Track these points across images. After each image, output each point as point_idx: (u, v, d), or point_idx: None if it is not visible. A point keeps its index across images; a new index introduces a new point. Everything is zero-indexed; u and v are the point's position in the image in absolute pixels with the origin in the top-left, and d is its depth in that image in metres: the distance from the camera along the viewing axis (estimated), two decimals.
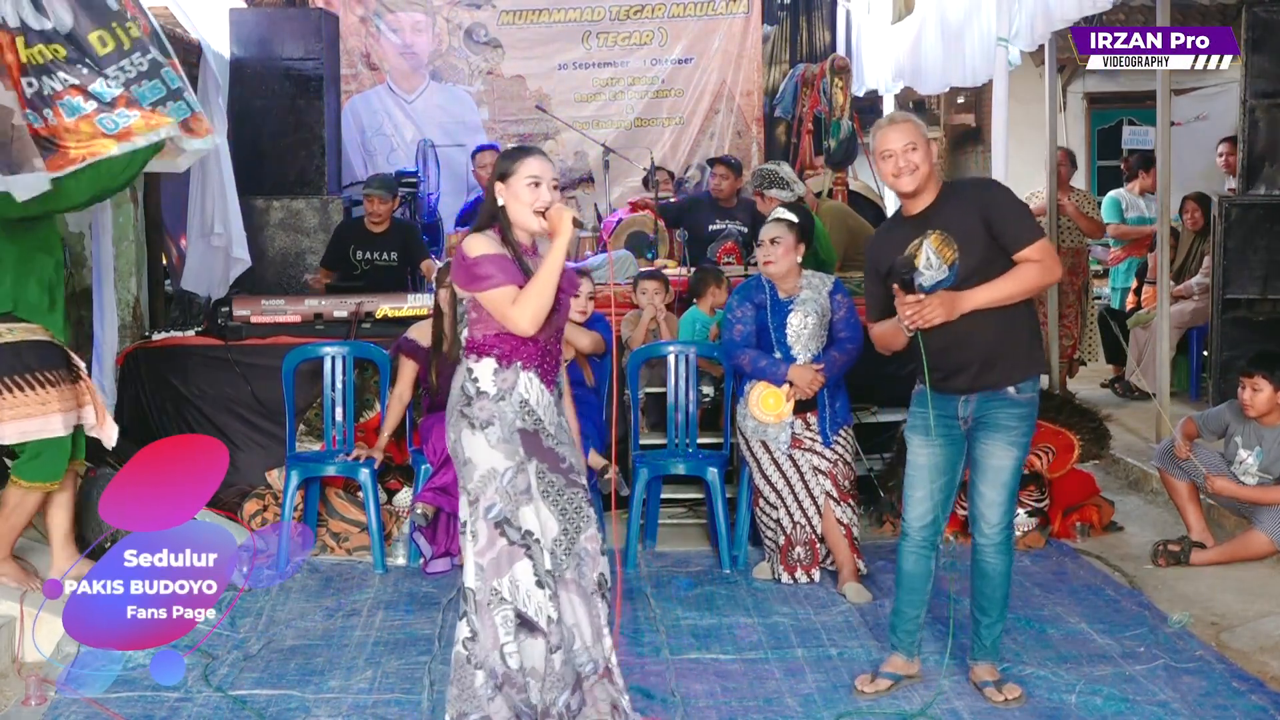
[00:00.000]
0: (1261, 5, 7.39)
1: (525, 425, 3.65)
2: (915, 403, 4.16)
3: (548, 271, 3.58)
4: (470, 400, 3.66)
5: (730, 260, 7.45)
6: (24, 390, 4.51)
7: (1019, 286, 3.95)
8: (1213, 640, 4.59)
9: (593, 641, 3.70)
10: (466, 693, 3.66)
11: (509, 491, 3.63)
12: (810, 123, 9.91)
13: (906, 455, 4.19)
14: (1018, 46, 7.07)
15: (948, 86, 8.84)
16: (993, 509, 4.06)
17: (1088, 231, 8.61)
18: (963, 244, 3.95)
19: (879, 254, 4.12)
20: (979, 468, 4.07)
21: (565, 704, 3.66)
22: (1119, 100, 12.69)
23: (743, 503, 5.60)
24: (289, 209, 8.42)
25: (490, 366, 3.66)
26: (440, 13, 10.80)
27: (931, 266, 3.97)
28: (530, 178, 3.66)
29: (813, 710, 4.05)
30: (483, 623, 3.65)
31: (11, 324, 4.52)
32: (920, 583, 4.16)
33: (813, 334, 5.30)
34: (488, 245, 3.64)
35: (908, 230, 4.05)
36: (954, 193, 4.08)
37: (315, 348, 5.95)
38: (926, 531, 4.12)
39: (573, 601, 3.68)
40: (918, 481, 4.12)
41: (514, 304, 3.57)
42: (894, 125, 4.02)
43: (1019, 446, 4.04)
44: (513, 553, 3.63)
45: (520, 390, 3.65)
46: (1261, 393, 5.45)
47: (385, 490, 5.90)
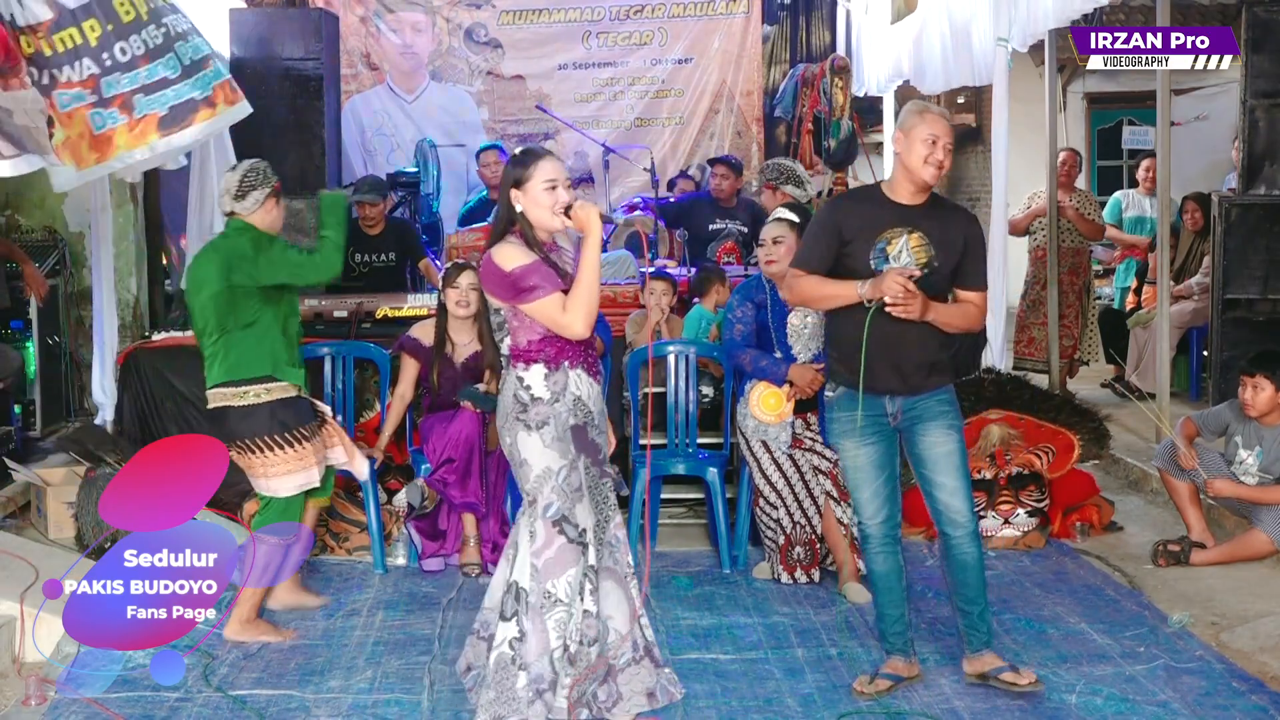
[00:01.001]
0: (1261, 5, 7.39)
1: (577, 420, 3.73)
2: (835, 408, 4.17)
3: (589, 272, 3.64)
4: (526, 407, 3.72)
5: (730, 260, 7.45)
6: (285, 448, 4.67)
7: (964, 322, 4.14)
8: (1213, 640, 4.59)
9: (628, 627, 3.77)
10: (506, 694, 3.66)
11: (564, 489, 3.69)
12: (810, 123, 9.91)
13: (841, 461, 4.22)
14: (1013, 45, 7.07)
15: (948, 86, 8.84)
16: (955, 497, 4.07)
17: (1088, 234, 8.61)
18: (938, 256, 4.02)
19: (846, 218, 4.10)
20: (927, 460, 4.09)
21: (593, 694, 3.70)
22: (1119, 100, 12.68)
23: (743, 503, 5.60)
24: (289, 209, 8.35)
25: (540, 372, 3.72)
26: (440, 13, 10.80)
27: (900, 261, 4.01)
28: (547, 181, 3.70)
29: (813, 710, 4.04)
30: (534, 625, 3.67)
31: (270, 384, 4.67)
32: (894, 581, 4.17)
33: (813, 333, 5.30)
34: (520, 255, 3.68)
35: (889, 214, 4.06)
36: (943, 205, 4.16)
37: (315, 348, 5.94)
38: (885, 528, 4.14)
39: (608, 590, 3.76)
40: (861, 482, 4.14)
41: (565, 311, 3.64)
42: (941, 117, 4.04)
43: (957, 429, 4.11)
44: (571, 551, 3.69)
45: (573, 388, 3.73)
46: (1263, 392, 5.45)
47: (385, 490, 5.90)
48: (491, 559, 5.43)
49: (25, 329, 7.28)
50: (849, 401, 4.10)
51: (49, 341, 7.44)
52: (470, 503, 5.43)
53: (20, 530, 5.85)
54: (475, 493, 5.44)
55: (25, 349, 7.21)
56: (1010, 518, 5.74)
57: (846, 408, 4.12)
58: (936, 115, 4.05)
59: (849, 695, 4.14)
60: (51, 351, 7.48)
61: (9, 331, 7.23)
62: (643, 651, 3.82)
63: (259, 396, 4.65)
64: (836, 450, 4.27)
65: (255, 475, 4.75)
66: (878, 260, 4.02)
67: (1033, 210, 8.60)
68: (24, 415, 7.06)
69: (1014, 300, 8.53)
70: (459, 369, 5.64)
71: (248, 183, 4.73)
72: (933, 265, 4.01)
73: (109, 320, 6.77)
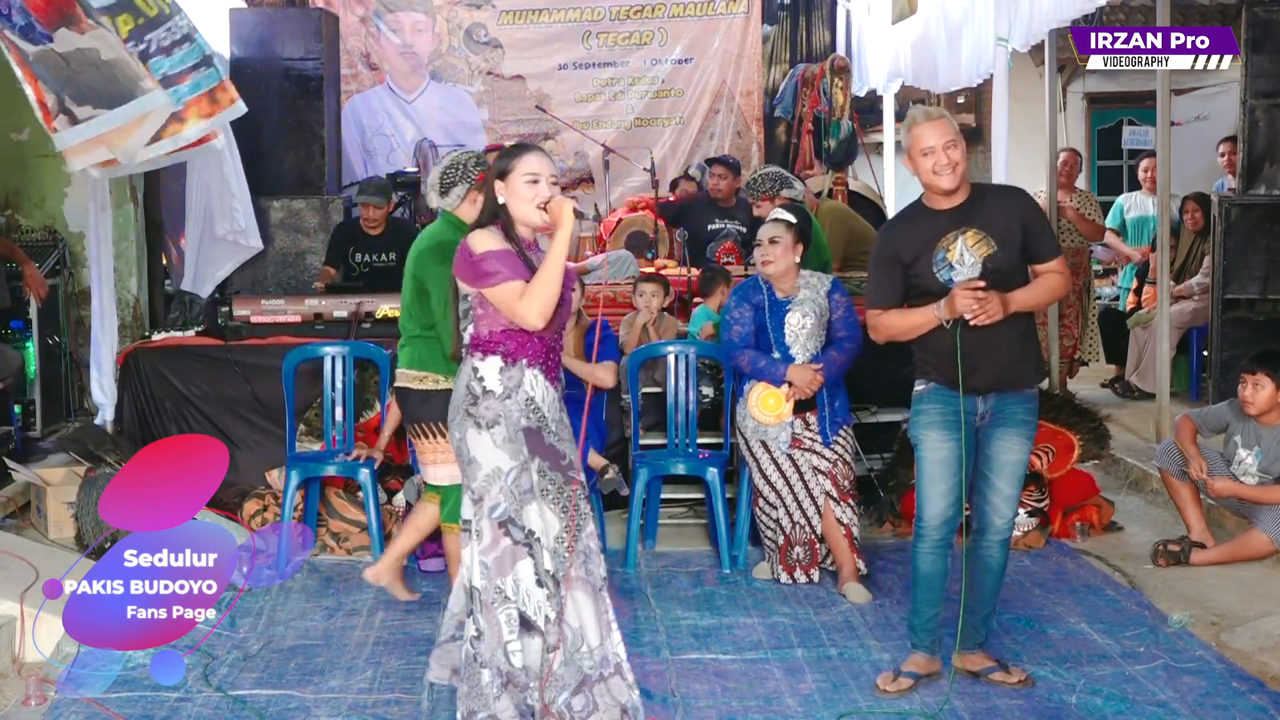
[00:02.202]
0: (1261, 5, 7.39)
1: (530, 423, 3.66)
2: (925, 400, 4.11)
3: (552, 264, 3.59)
4: (476, 399, 3.66)
5: (730, 260, 7.45)
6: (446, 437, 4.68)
7: (1049, 296, 4.09)
8: (1213, 640, 4.59)
9: (599, 640, 3.70)
10: (475, 690, 3.67)
11: (513, 491, 3.63)
12: (810, 123, 9.91)
13: (919, 454, 4.12)
14: (1013, 45, 7.07)
15: (948, 86, 8.85)
16: (1008, 504, 4.09)
17: (1088, 234, 8.62)
18: (998, 245, 3.97)
19: (901, 242, 4.06)
20: (995, 464, 4.07)
21: (566, 704, 3.65)
22: (1119, 100, 12.68)
23: (743, 503, 5.60)
24: (289, 209, 8.41)
25: (496, 365, 3.66)
26: (440, 13, 10.81)
27: (964, 263, 3.97)
28: (528, 175, 3.66)
29: (813, 710, 4.04)
30: (488, 621, 3.66)
31: (439, 377, 4.69)
32: (939, 581, 4.14)
33: (811, 334, 5.30)
34: (492, 241, 3.64)
35: (939, 223, 4.01)
36: (988, 194, 4.09)
37: (315, 348, 5.95)
38: (945, 529, 4.09)
39: (578, 600, 3.68)
40: (938, 477, 4.06)
41: (521, 298, 3.57)
42: (931, 121, 3.96)
43: (1031, 440, 4.11)
44: (516, 552, 3.64)
45: (526, 388, 3.66)
46: (1263, 390, 5.45)
47: (385, 490, 5.90)
48: None
49: (25, 329, 7.28)
50: (941, 395, 4.05)
51: (49, 341, 7.45)
52: None
53: (20, 530, 5.86)
54: None
55: (25, 349, 7.21)
56: None
57: (938, 400, 4.06)
58: (925, 123, 3.96)
59: (849, 695, 4.14)
60: (51, 351, 7.49)
61: (9, 331, 7.23)
62: (613, 669, 3.73)
63: (437, 384, 4.69)
64: (917, 442, 4.16)
65: (425, 461, 4.81)
66: (942, 270, 3.98)
67: None
68: (24, 415, 7.06)
69: None
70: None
71: (448, 179, 4.77)
72: (995, 259, 3.95)
73: (109, 320, 6.76)
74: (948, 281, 3.96)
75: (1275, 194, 7.48)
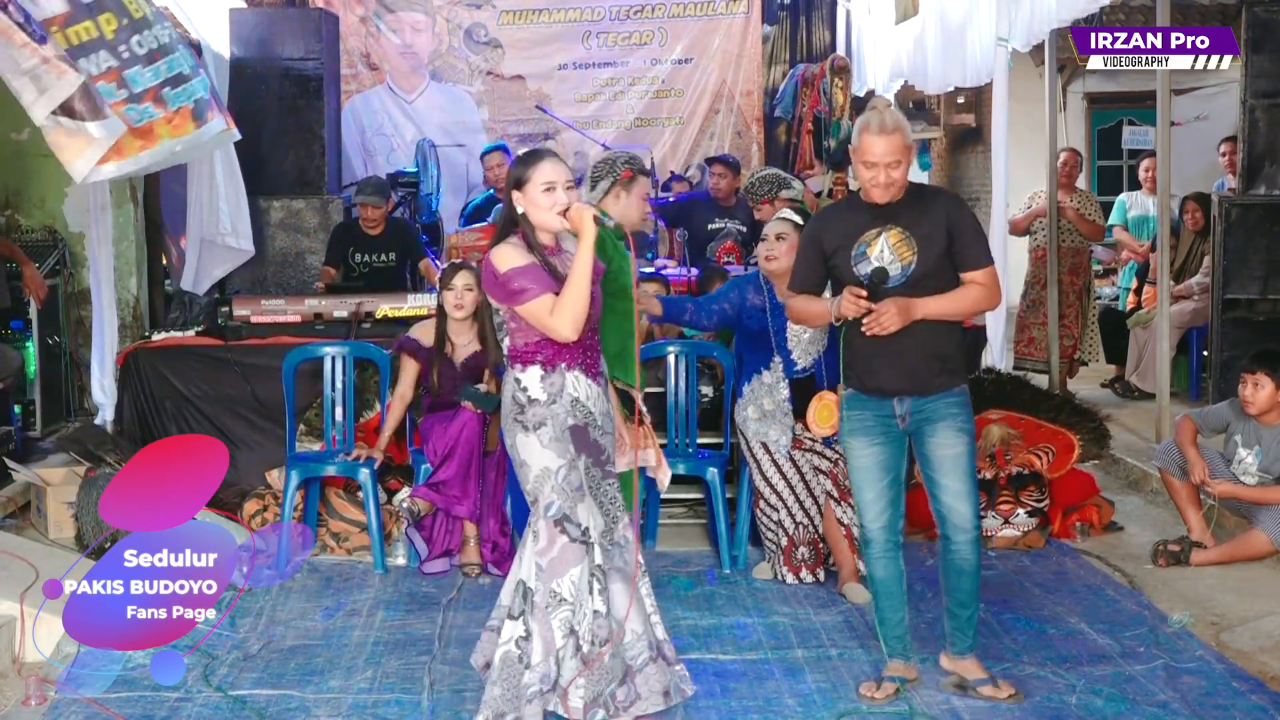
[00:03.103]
0: (1261, 5, 7.39)
1: (577, 421, 3.75)
2: (847, 406, 4.11)
3: (579, 275, 3.65)
4: (523, 409, 3.74)
5: (730, 260, 7.45)
6: None
7: (965, 306, 4.05)
8: (1213, 640, 4.59)
9: (644, 627, 3.81)
10: (510, 693, 3.68)
11: (564, 488, 3.71)
12: (810, 123, 9.92)
13: (849, 461, 4.14)
14: (1014, 45, 7.07)
15: (949, 86, 8.85)
16: (960, 500, 4.02)
17: (1088, 235, 8.62)
18: (921, 248, 3.95)
19: (827, 230, 4.08)
20: (933, 462, 4.04)
21: (610, 694, 3.71)
22: (1119, 100, 12.68)
23: (743, 503, 5.59)
24: (289, 209, 8.42)
25: (537, 374, 3.73)
26: (440, 13, 10.81)
27: (883, 260, 3.96)
28: (545, 183, 3.71)
29: (813, 710, 4.04)
30: (539, 625, 3.69)
31: None
32: (895, 586, 4.13)
33: (813, 338, 5.28)
34: (516, 256, 3.69)
35: (866, 217, 4.00)
36: (921, 195, 4.05)
37: (315, 348, 5.95)
38: (887, 532, 4.09)
39: (619, 590, 3.78)
40: (866, 483, 4.08)
41: (552, 314, 3.64)
42: (884, 135, 3.89)
43: (967, 433, 4.04)
44: (574, 550, 3.70)
45: (570, 390, 3.74)
46: (1263, 390, 5.45)
47: (385, 490, 5.90)
48: (491, 559, 5.44)
49: (25, 329, 7.28)
50: (857, 401, 4.08)
51: (49, 341, 7.44)
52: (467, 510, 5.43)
53: (20, 530, 5.85)
54: (473, 493, 5.44)
55: (25, 349, 7.21)
56: (1010, 518, 5.74)
57: (854, 407, 4.09)
58: (877, 135, 3.88)
59: (849, 695, 4.14)
60: (51, 351, 7.48)
61: (9, 331, 7.23)
62: (656, 650, 3.86)
63: None
64: (845, 450, 4.21)
65: None
66: (860, 265, 3.97)
67: (1033, 210, 8.61)
68: (24, 415, 7.06)
69: (1014, 300, 8.53)
70: (459, 369, 5.64)
71: (597, 173, 4.82)
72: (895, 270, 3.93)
73: (109, 320, 6.77)
74: (864, 276, 3.96)
75: (1275, 194, 7.48)
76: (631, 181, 4.80)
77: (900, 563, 4.14)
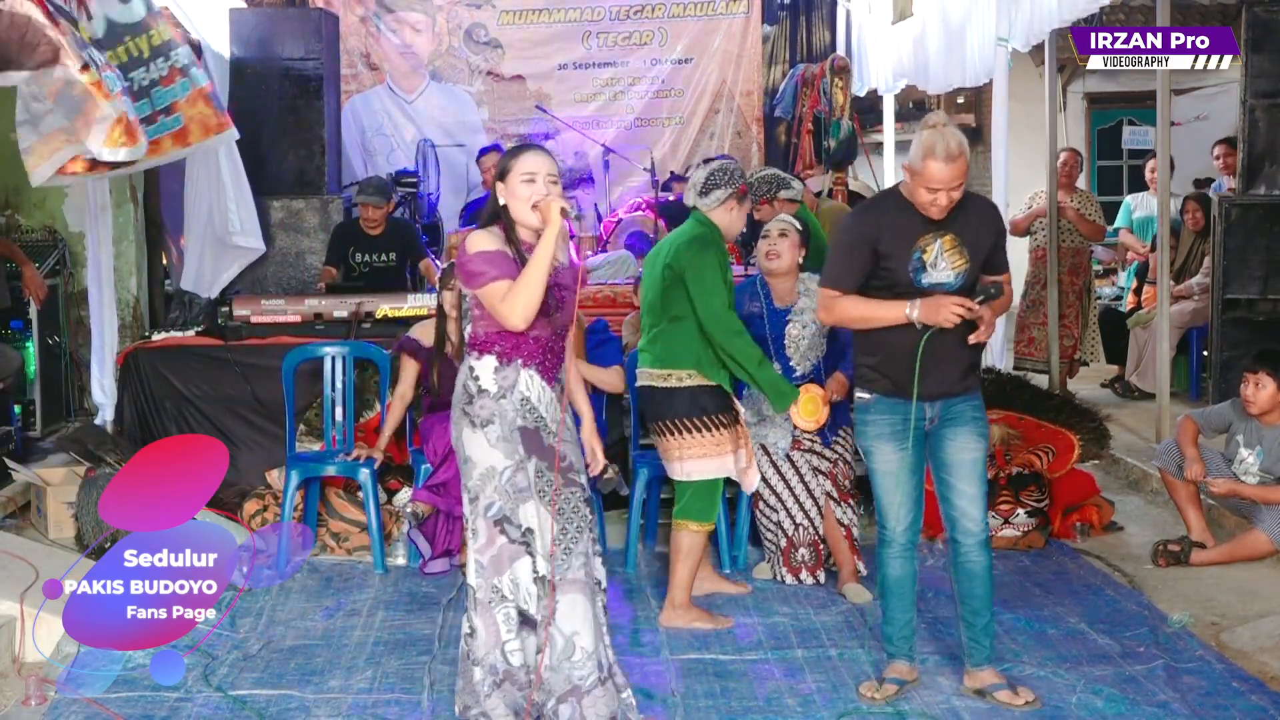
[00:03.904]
0: (1261, 5, 7.39)
1: (526, 423, 3.66)
2: (871, 411, 4.06)
3: (536, 264, 3.55)
4: (472, 398, 3.67)
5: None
6: (702, 432, 4.76)
7: (1001, 309, 4.12)
8: (1213, 640, 4.59)
9: (594, 645, 3.67)
10: (469, 686, 3.69)
11: (508, 490, 3.63)
12: (810, 123, 9.92)
13: (872, 465, 4.10)
14: (1014, 45, 7.07)
15: (949, 86, 8.85)
16: (974, 505, 4.04)
17: (1088, 235, 8.61)
18: (971, 255, 3.96)
19: (881, 230, 3.97)
20: (951, 465, 4.04)
21: (553, 711, 3.63)
22: (1119, 100, 12.68)
23: (743, 503, 5.59)
24: (289, 209, 8.42)
25: (491, 364, 3.66)
26: (440, 13, 10.81)
27: (937, 267, 3.93)
28: (525, 174, 3.64)
29: (813, 710, 4.04)
30: (483, 620, 3.66)
31: (691, 371, 4.77)
32: (907, 586, 4.13)
33: (811, 344, 5.28)
34: (487, 242, 3.63)
35: (919, 222, 3.95)
36: (968, 203, 4.01)
37: (315, 348, 5.95)
38: (909, 534, 4.09)
39: (576, 604, 3.65)
40: (893, 486, 4.06)
41: (503, 300, 3.56)
42: (950, 162, 3.81)
43: (985, 437, 4.08)
44: (513, 550, 3.64)
45: (521, 388, 3.66)
46: (1264, 389, 5.45)
47: (385, 490, 5.90)
48: None
49: (25, 329, 7.29)
50: (887, 405, 4.02)
51: (49, 341, 7.45)
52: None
53: (20, 530, 5.86)
54: None
55: (25, 349, 7.21)
56: (1010, 518, 5.74)
57: (884, 410, 4.03)
58: (943, 162, 3.80)
59: (849, 695, 4.13)
60: (51, 351, 7.49)
61: (9, 331, 7.23)
62: (606, 673, 3.72)
63: (681, 381, 4.77)
64: (867, 454, 4.14)
65: (670, 459, 4.84)
66: (916, 270, 3.93)
67: (1033, 211, 8.61)
68: (24, 415, 7.06)
69: (1014, 300, 8.53)
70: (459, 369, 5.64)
71: (712, 181, 4.86)
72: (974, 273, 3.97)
73: (109, 320, 6.77)
74: (917, 282, 3.93)
75: (1275, 194, 7.48)
76: (745, 197, 4.92)
77: (914, 564, 4.14)
